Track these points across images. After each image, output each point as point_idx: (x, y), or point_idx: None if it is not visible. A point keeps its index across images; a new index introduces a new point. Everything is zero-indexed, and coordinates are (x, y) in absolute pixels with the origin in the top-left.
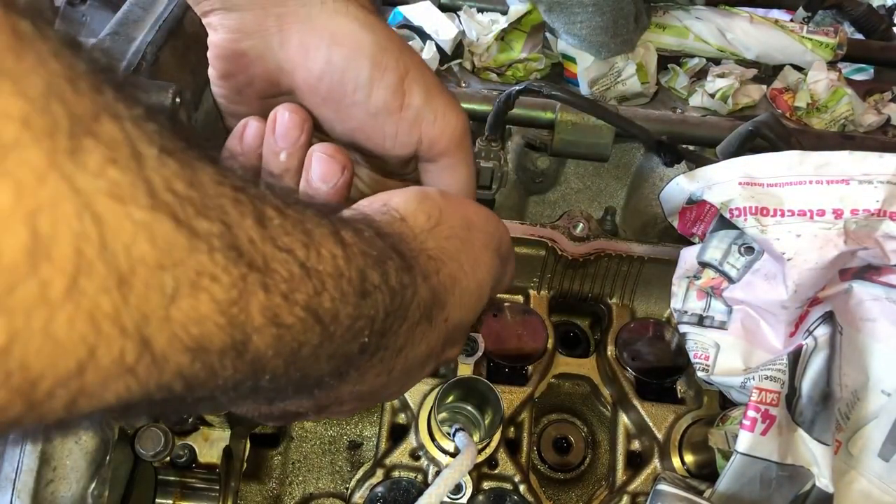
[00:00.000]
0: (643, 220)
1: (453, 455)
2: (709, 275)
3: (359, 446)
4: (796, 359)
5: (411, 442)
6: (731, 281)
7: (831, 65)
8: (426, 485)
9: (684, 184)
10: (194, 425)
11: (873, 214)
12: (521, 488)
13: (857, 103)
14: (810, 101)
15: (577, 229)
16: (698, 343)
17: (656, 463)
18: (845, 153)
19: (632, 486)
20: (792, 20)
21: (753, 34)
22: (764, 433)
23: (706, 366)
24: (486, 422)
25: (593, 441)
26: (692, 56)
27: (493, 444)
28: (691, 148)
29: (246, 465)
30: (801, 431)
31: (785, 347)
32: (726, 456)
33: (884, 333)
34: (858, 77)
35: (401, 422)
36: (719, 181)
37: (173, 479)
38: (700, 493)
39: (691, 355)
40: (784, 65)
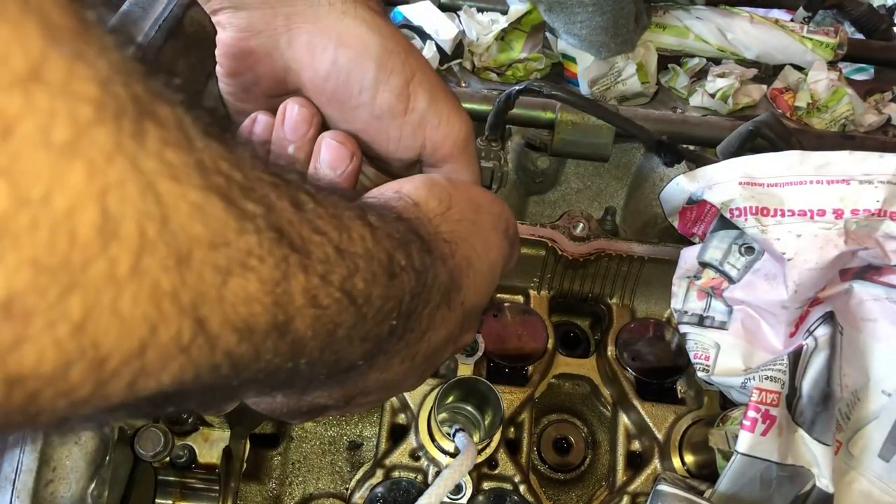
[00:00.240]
0: (643, 220)
1: (453, 455)
2: (709, 275)
3: (359, 446)
4: (797, 359)
5: (411, 442)
6: (731, 281)
7: (832, 65)
8: (426, 485)
9: (684, 184)
10: (194, 426)
11: (874, 214)
12: (522, 489)
13: (858, 103)
14: (810, 101)
15: (578, 229)
16: (698, 343)
17: (656, 463)
18: (846, 153)
19: (632, 487)
20: (792, 20)
21: (754, 34)
22: (764, 433)
23: (706, 366)
24: (486, 422)
25: (593, 441)
26: (692, 56)
27: (493, 444)
28: (691, 148)
29: (246, 465)
30: (801, 432)
31: (785, 348)
32: (726, 456)
33: (884, 333)
34: (859, 77)
35: (401, 422)
36: (719, 181)
37: (173, 479)
38: (700, 494)
39: (691, 355)
40: (784, 65)
